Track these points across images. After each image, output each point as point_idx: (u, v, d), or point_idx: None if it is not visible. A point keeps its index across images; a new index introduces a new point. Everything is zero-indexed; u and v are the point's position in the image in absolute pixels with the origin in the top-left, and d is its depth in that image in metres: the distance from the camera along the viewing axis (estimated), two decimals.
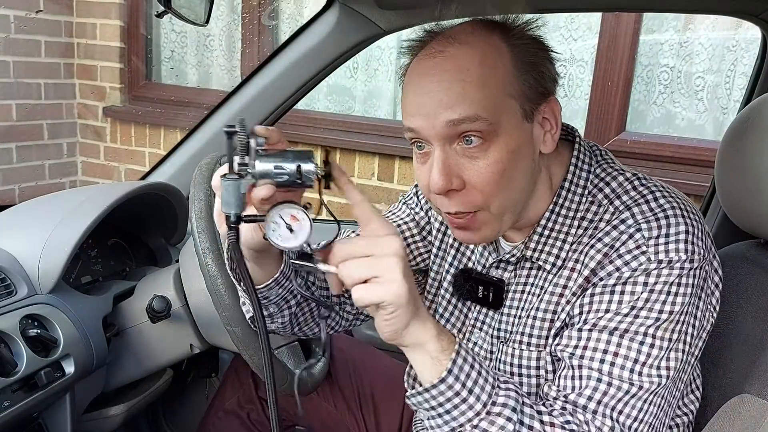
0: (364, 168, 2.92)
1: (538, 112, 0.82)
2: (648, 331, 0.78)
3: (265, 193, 0.65)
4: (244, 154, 0.64)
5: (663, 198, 0.83)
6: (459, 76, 0.77)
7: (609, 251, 0.81)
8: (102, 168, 3.67)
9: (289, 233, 0.66)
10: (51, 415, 1.13)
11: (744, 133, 0.99)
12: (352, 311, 1.05)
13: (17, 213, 1.26)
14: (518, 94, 0.79)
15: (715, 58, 2.44)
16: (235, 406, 1.27)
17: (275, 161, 0.65)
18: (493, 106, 0.77)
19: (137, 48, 3.49)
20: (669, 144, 2.48)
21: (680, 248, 0.79)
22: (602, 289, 0.80)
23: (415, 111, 0.80)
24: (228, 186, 0.64)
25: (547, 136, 0.84)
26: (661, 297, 0.78)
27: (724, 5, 1.30)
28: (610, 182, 0.87)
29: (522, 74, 0.80)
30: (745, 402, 0.83)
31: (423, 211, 1.06)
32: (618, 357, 0.78)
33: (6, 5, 3.19)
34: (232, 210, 0.64)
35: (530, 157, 0.83)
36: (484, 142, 0.78)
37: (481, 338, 0.96)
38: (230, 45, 3.34)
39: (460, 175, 0.79)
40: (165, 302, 1.20)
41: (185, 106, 3.30)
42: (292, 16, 3.20)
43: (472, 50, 0.78)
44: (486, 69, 0.78)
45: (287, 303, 0.92)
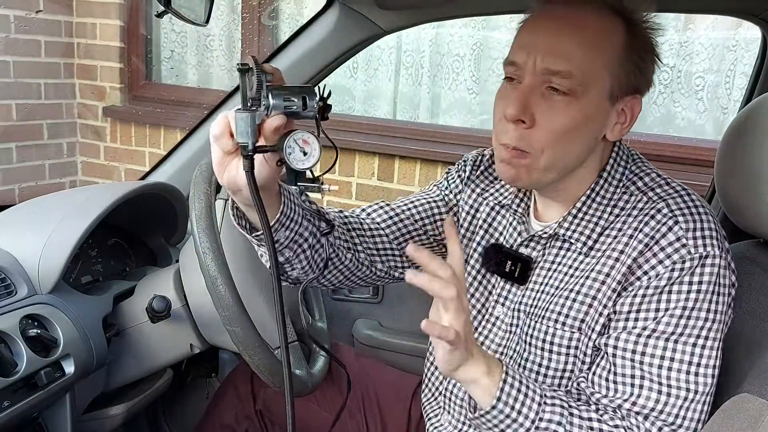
0: (364, 168, 2.92)
1: (621, 101, 0.88)
2: (701, 333, 0.83)
3: (279, 121, 0.72)
4: (259, 89, 0.71)
5: (691, 195, 0.90)
6: (575, 33, 0.83)
7: (650, 242, 0.85)
8: (102, 168, 3.67)
9: (303, 155, 0.74)
10: (51, 415, 1.13)
11: (744, 133, 0.99)
12: (383, 268, 1.08)
13: (17, 213, 1.26)
14: (615, 73, 0.85)
15: (715, 58, 2.44)
16: (232, 421, 1.27)
17: (283, 94, 0.72)
18: (591, 73, 0.83)
19: (137, 48, 3.49)
20: (669, 144, 2.47)
21: (714, 243, 0.84)
22: (653, 290, 0.84)
23: (524, 47, 0.86)
24: (244, 117, 0.71)
25: (617, 127, 0.90)
26: (708, 297, 0.83)
27: (724, 5, 1.30)
28: (643, 177, 0.93)
29: (626, 61, 0.86)
30: (745, 401, 0.83)
31: (451, 192, 1.11)
32: (674, 362, 0.83)
33: (6, 5, 3.19)
34: (249, 139, 0.71)
35: (595, 134, 0.88)
36: (567, 98, 0.84)
37: (503, 313, 1.00)
38: (230, 45, 3.34)
39: (533, 113, 0.84)
40: (165, 302, 1.20)
41: (185, 106, 3.29)
42: (292, 16, 3.20)
43: (596, 19, 0.85)
44: (601, 39, 0.84)
45: (300, 246, 0.94)
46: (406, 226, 1.08)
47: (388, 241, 1.07)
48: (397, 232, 1.07)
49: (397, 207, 1.10)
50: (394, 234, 1.07)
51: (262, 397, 1.27)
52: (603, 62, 0.84)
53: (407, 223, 1.08)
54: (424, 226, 1.09)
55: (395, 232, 1.07)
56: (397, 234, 1.07)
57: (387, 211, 1.09)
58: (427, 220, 1.09)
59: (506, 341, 1.00)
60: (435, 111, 2.92)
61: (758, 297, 0.95)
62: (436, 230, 1.09)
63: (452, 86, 2.86)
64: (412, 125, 2.90)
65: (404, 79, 2.95)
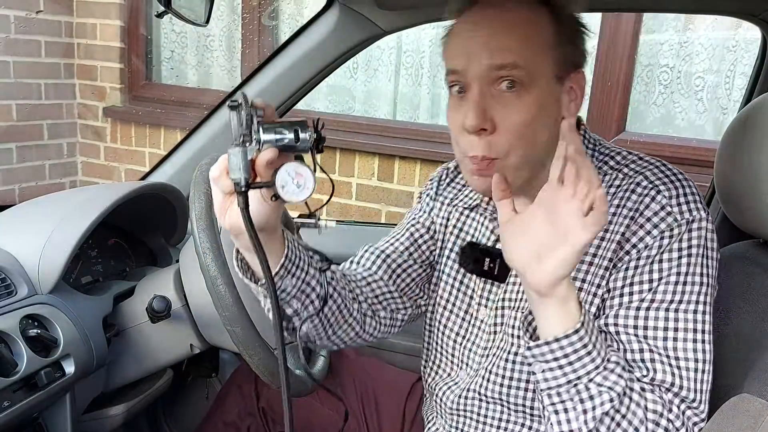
0: (364, 168, 2.92)
1: (568, 79, 0.88)
2: (699, 298, 0.83)
3: (271, 155, 0.71)
4: (249, 125, 0.71)
5: (666, 165, 0.91)
6: (506, 27, 0.84)
7: (634, 215, 0.86)
8: (102, 168, 3.67)
9: (297, 188, 0.73)
10: (51, 415, 1.13)
11: (743, 133, 1.00)
12: (387, 316, 1.06)
13: (17, 213, 1.26)
14: (555, 57, 0.86)
15: (715, 58, 2.44)
16: (235, 418, 1.27)
17: (275, 128, 0.72)
18: (533, 60, 0.84)
19: (137, 48, 3.49)
20: (669, 144, 2.48)
21: (699, 207, 0.85)
22: (645, 261, 0.84)
23: (460, 53, 0.86)
24: (235, 153, 0.70)
25: (571, 105, 0.90)
26: (699, 260, 0.84)
27: (724, 5, 1.30)
28: (614, 156, 0.94)
29: (562, 41, 0.87)
30: (745, 402, 0.83)
31: (426, 213, 1.11)
32: (678, 332, 0.83)
33: (6, 5, 3.19)
34: (243, 174, 0.70)
35: (554, 118, 0.88)
36: (519, 90, 0.84)
37: (487, 315, 0.99)
38: (230, 45, 3.34)
39: (492, 118, 0.84)
40: (165, 302, 1.20)
41: (185, 106, 3.30)
42: (292, 16, 3.20)
43: (521, 9, 0.86)
44: (532, 26, 0.85)
45: (308, 297, 0.92)
46: (395, 261, 1.07)
47: (384, 284, 1.06)
48: (390, 271, 1.07)
49: (382, 246, 1.09)
50: (388, 274, 1.07)
51: (265, 396, 1.27)
52: (541, 48, 0.85)
53: (395, 258, 1.07)
54: (411, 256, 1.08)
55: (388, 272, 1.07)
56: (390, 273, 1.07)
57: (375, 253, 1.08)
58: (412, 248, 1.08)
59: (492, 342, 0.99)
60: (435, 111, 2.92)
61: (758, 297, 0.95)
62: (422, 255, 1.09)
63: None
64: (412, 125, 2.90)
65: (404, 80, 2.95)
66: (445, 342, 1.06)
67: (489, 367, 0.98)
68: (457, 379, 1.05)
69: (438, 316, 1.07)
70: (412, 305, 1.09)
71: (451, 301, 1.05)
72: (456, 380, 1.05)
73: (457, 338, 1.05)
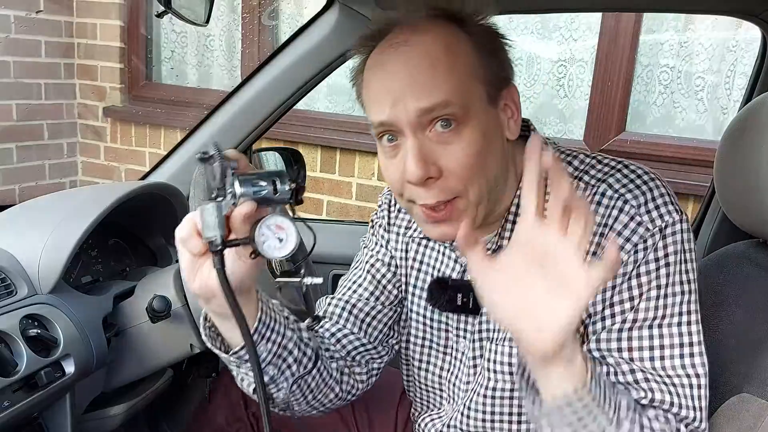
0: (364, 168, 2.92)
1: (500, 97, 0.82)
2: (682, 309, 0.79)
3: (248, 209, 0.66)
4: (223, 177, 0.65)
5: (631, 165, 0.84)
6: (427, 62, 0.77)
7: (603, 230, 0.80)
8: (102, 168, 3.68)
9: (278, 242, 0.67)
10: (51, 415, 1.13)
11: (743, 133, 0.99)
12: (362, 371, 1.03)
13: (17, 213, 1.26)
14: (483, 78, 0.80)
15: (715, 58, 2.44)
16: (223, 423, 1.24)
17: (252, 180, 0.66)
18: (462, 91, 0.77)
19: (137, 48, 3.49)
20: (669, 144, 2.48)
21: (671, 209, 0.79)
22: (621, 278, 0.79)
23: (384, 102, 0.78)
24: (209, 209, 0.65)
25: (510, 123, 0.84)
26: (677, 267, 0.79)
27: (724, 5, 1.30)
28: (572, 161, 0.87)
29: (484, 60, 0.80)
30: (745, 402, 0.83)
31: (382, 247, 1.04)
32: (665, 349, 0.78)
33: (6, 5, 3.19)
34: (218, 232, 0.65)
35: (500, 142, 0.82)
36: (457, 126, 0.77)
37: (466, 347, 0.95)
38: (230, 45, 3.34)
39: (435, 162, 0.77)
40: (165, 302, 1.19)
41: (185, 106, 3.30)
42: (292, 16, 3.20)
43: (436, 38, 0.78)
44: (451, 55, 0.78)
45: (285, 361, 0.87)
46: (362, 311, 1.00)
47: (355, 338, 1.00)
48: (358, 323, 1.00)
49: (344, 296, 1.02)
50: (357, 326, 1.00)
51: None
52: (467, 73, 0.78)
53: (362, 307, 1.01)
54: (378, 300, 1.02)
55: (357, 324, 1.00)
56: (359, 324, 1.00)
57: (339, 306, 1.01)
58: (377, 292, 1.02)
59: (473, 377, 0.94)
60: None
61: (758, 297, 0.95)
62: (389, 296, 1.02)
63: None
64: None
65: None
66: (429, 378, 1.02)
67: (468, 404, 0.94)
68: (442, 414, 1.02)
69: (415, 354, 1.02)
70: (387, 351, 1.04)
71: (427, 338, 1.00)
72: (441, 414, 1.02)
73: (442, 373, 1.00)
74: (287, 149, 1.68)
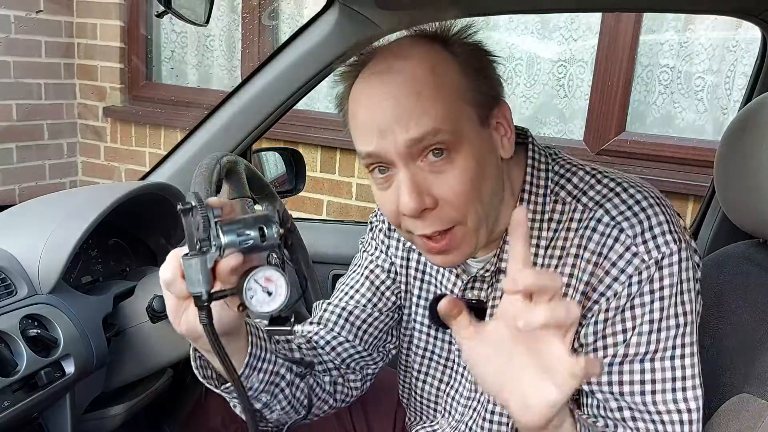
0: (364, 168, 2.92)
1: (492, 116, 0.80)
2: (676, 342, 0.76)
3: (235, 261, 0.63)
4: (207, 228, 0.62)
5: (631, 188, 0.80)
6: (412, 89, 0.74)
7: (598, 259, 0.78)
8: (102, 168, 3.68)
9: (267, 296, 0.64)
10: (51, 415, 1.13)
11: (743, 133, 0.99)
12: (357, 377, 1.02)
13: (17, 213, 1.26)
14: (472, 100, 0.77)
15: (715, 58, 2.44)
16: (218, 425, 1.23)
17: (237, 229, 0.63)
18: (451, 116, 0.74)
19: (137, 48, 3.49)
20: (669, 144, 2.48)
21: (668, 240, 0.76)
22: (614, 312, 0.77)
23: (371, 133, 0.76)
24: (194, 264, 0.62)
25: (503, 141, 0.81)
26: (672, 300, 0.76)
27: (724, 5, 1.30)
28: (571, 178, 0.84)
29: (472, 80, 0.78)
30: (745, 402, 0.83)
31: (382, 253, 1.02)
32: (656, 384, 0.76)
33: (6, 5, 3.19)
34: (203, 287, 0.62)
35: (495, 164, 0.80)
36: (449, 154, 0.75)
37: None
38: (230, 45, 3.34)
39: (430, 192, 0.75)
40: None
41: (185, 106, 3.30)
42: (292, 16, 3.20)
43: (420, 62, 0.76)
44: (438, 78, 0.75)
45: (278, 387, 0.86)
46: (359, 318, 0.99)
47: (351, 345, 0.99)
48: (354, 329, 0.99)
49: (341, 302, 1.00)
50: (353, 333, 0.98)
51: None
52: (455, 96, 0.75)
53: (359, 314, 0.99)
54: (375, 307, 1.00)
55: (353, 331, 0.98)
56: (355, 331, 0.99)
57: (335, 312, 0.99)
58: (375, 299, 1.00)
59: (474, 393, 0.93)
60: None
61: (758, 297, 0.95)
62: (388, 302, 1.00)
63: None
64: None
65: None
66: (426, 390, 1.01)
67: (470, 423, 0.93)
68: (436, 426, 1.00)
69: (414, 364, 1.01)
70: (382, 356, 1.03)
71: (429, 349, 0.98)
72: (435, 428, 1.01)
73: (440, 386, 0.99)
74: (287, 149, 1.68)
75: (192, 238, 0.63)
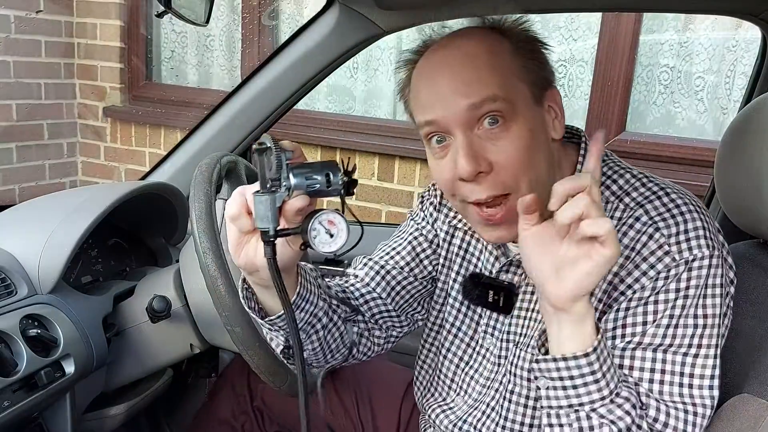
0: (364, 168, 2.92)
1: (544, 98, 0.85)
2: (692, 341, 0.78)
3: (301, 203, 0.68)
4: (279, 169, 0.66)
5: (674, 193, 0.84)
6: (470, 62, 0.80)
7: (630, 253, 0.81)
8: (102, 168, 3.67)
9: (329, 237, 0.70)
10: (51, 415, 1.13)
11: (743, 133, 0.99)
12: (382, 335, 1.05)
13: (17, 213, 1.26)
14: (526, 78, 0.82)
15: (715, 58, 2.44)
16: (229, 416, 1.26)
17: (305, 173, 0.68)
18: (507, 88, 0.80)
19: (137, 48, 3.49)
20: (669, 144, 2.48)
21: (702, 244, 0.79)
22: (637, 302, 0.80)
23: (432, 102, 0.81)
24: (264, 201, 0.66)
25: (555, 123, 0.87)
26: (695, 301, 0.78)
27: (724, 5, 1.30)
28: (617, 180, 0.88)
29: (526, 62, 0.83)
30: (745, 402, 0.83)
31: (428, 224, 1.06)
32: (666, 374, 0.78)
33: (6, 5, 3.19)
34: (270, 224, 0.66)
35: (546, 141, 0.85)
36: (504, 122, 0.79)
37: (492, 344, 0.97)
38: (230, 45, 3.34)
39: (486, 158, 0.80)
40: (165, 302, 1.20)
41: (185, 106, 3.30)
42: (292, 16, 3.20)
43: (478, 41, 0.83)
44: (494, 55, 0.81)
45: (313, 328, 0.91)
46: (395, 278, 1.03)
47: (383, 302, 1.03)
48: (389, 289, 1.03)
49: (381, 260, 1.04)
50: (387, 292, 1.02)
51: (259, 394, 1.27)
52: (511, 73, 0.81)
53: (395, 275, 1.03)
54: (412, 272, 1.04)
55: (387, 289, 1.02)
56: (389, 291, 1.03)
57: (374, 268, 1.03)
58: (413, 264, 1.04)
59: (494, 374, 0.96)
60: None
61: (758, 297, 0.95)
62: (424, 270, 1.05)
63: None
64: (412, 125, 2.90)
65: None
66: (445, 366, 1.04)
67: (490, 403, 0.95)
68: (453, 405, 1.02)
69: (441, 338, 1.04)
70: (409, 322, 1.07)
71: (456, 325, 1.01)
72: (451, 405, 1.03)
73: (460, 363, 1.02)
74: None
75: (264, 177, 0.67)
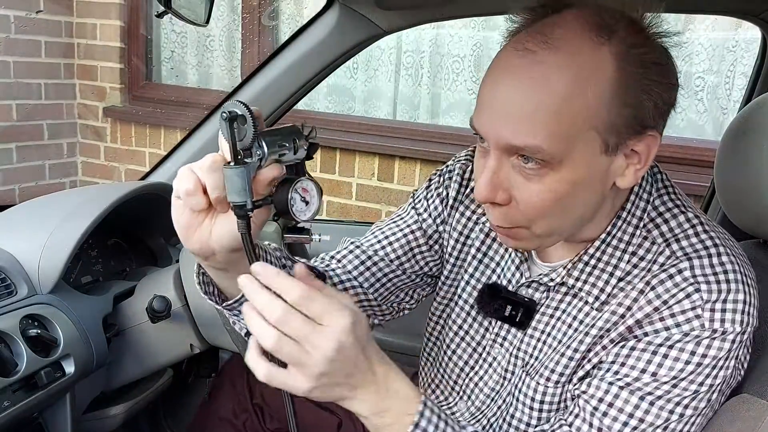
0: (364, 168, 2.92)
1: (625, 145, 0.71)
2: (684, 402, 0.74)
3: (277, 172, 0.65)
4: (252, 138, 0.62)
5: (726, 255, 0.76)
6: (539, 92, 0.67)
7: (661, 306, 0.74)
8: (102, 168, 3.67)
9: (305, 205, 0.68)
10: (51, 415, 1.13)
11: (743, 133, 0.99)
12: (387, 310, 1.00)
13: (17, 213, 1.26)
14: (605, 126, 0.68)
15: (715, 58, 2.44)
16: (229, 414, 1.24)
17: (277, 140, 0.65)
18: (564, 139, 0.67)
19: (137, 48, 3.49)
20: (669, 144, 2.47)
21: (736, 319, 0.73)
22: (645, 346, 0.74)
23: (483, 108, 0.72)
24: (237, 173, 0.62)
25: (629, 170, 0.73)
26: (706, 371, 0.73)
27: (724, 5, 1.30)
28: (669, 220, 0.79)
29: (619, 107, 0.68)
30: (745, 402, 0.83)
31: (431, 218, 0.98)
32: (644, 423, 0.73)
33: (6, 5, 3.19)
34: (247, 198, 0.63)
35: (598, 191, 0.74)
36: (544, 168, 0.69)
37: (500, 354, 0.92)
38: (230, 45, 3.34)
39: (508, 189, 0.72)
40: (165, 302, 1.20)
41: (185, 106, 3.29)
42: (292, 16, 3.20)
43: (566, 62, 0.67)
44: (573, 91, 0.66)
45: None
46: (381, 270, 0.95)
47: (363, 292, 0.95)
48: (373, 280, 0.95)
49: (370, 249, 0.96)
50: (369, 282, 0.95)
51: (259, 391, 1.27)
52: (582, 121, 0.67)
53: (382, 267, 0.96)
54: (401, 266, 0.97)
55: (370, 280, 0.95)
56: (372, 282, 0.95)
57: (358, 256, 0.96)
58: (404, 258, 0.96)
59: (500, 387, 0.92)
60: (435, 111, 2.92)
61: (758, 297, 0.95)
62: (416, 266, 0.98)
63: (452, 87, 2.86)
64: (412, 125, 2.90)
65: (404, 80, 2.95)
66: (450, 368, 0.99)
67: (491, 419, 0.92)
68: (455, 410, 0.99)
69: (447, 339, 0.99)
70: (392, 311, 1.01)
71: (464, 328, 0.96)
72: (454, 410, 0.99)
73: (464, 368, 0.97)
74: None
75: (236, 147, 0.62)
